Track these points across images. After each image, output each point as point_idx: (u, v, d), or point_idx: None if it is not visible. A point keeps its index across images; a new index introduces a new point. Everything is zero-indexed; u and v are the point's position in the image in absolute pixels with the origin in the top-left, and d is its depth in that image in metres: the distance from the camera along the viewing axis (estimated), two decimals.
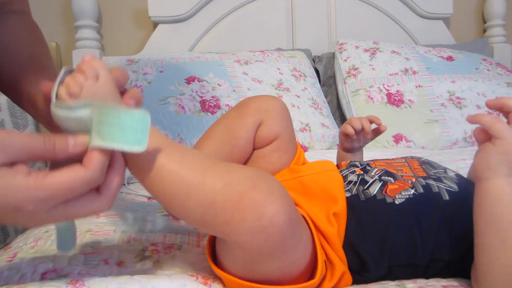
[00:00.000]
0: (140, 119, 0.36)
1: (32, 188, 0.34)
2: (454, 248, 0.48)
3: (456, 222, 0.49)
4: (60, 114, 0.38)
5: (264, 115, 0.58)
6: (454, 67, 1.55)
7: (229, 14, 1.72)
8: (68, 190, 0.35)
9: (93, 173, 0.36)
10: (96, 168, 0.36)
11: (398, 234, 0.49)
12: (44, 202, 0.34)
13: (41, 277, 0.48)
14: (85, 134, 0.37)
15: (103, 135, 0.36)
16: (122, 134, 0.36)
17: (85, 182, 0.35)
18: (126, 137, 0.36)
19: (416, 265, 0.49)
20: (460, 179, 0.54)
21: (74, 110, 0.37)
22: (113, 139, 0.36)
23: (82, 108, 0.37)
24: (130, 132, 0.36)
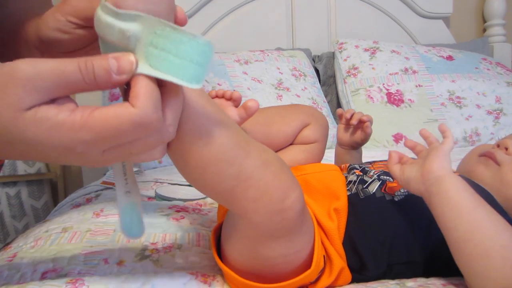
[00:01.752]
0: (205, 49, 0.29)
1: (77, 128, 0.29)
2: None
3: None
4: (102, 19, 0.30)
5: (313, 120, 0.64)
6: (454, 67, 1.55)
7: (229, 13, 1.72)
8: (116, 132, 0.29)
9: (143, 112, 0.28)
10: (146, 107, 0.28)
11: (398, 231, 0.49)
12: (92, 143, 0.29)
13: (41, 276, 0.48)
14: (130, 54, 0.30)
15: (154, 62, 0.29)
16: (180, 65, 0.29)
17: (134, 123, 0.28)
18: (184, 69, 0.29)
19: (416, 262, 0.49)
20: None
21: (121, 18, 0.29)
22: (167, 69, 0.29)
23: (130, 20, 0.29)
24: (190, 63, 0.29)
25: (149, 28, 0.29)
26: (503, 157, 0.55)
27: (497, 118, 1.43)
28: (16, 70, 0.28)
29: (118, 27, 0.29)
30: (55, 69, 0.28)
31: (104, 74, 0.29)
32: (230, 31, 1.72)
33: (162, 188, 0.82)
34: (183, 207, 0.71)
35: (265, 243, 0.41)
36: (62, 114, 0.29)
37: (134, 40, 0.29)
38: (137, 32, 0.29)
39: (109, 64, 0.29)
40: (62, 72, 0.28)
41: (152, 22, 0.29)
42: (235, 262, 0.44)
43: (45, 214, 1.54)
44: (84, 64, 0.29)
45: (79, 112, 0.29)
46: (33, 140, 0.29)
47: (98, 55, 0.29)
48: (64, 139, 0.29)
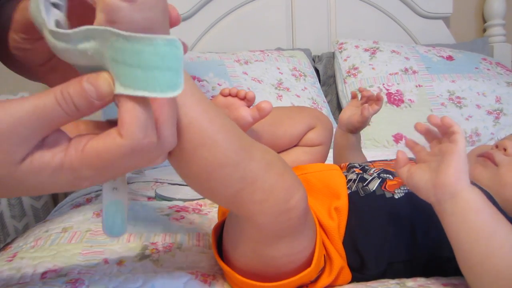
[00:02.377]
0: (168, 50, 0.26)
1: (76, 167, 0.28)
2: None
3: None
4: (57, 46, 0.27)
5: (319, 123, 0.65)
6: (454, 67, 1.55)
7: (229, 13, 1.72)
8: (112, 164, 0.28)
9: (131, 142, 0.26)
10: (134, 135, 0.26)
11: (398, 229, 0.49)
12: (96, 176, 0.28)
13: (41, 276, 0.48)
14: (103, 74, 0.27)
15: (123, 79, 0.26)
16: (146, 76, 0.25)
17: (126, 154, 0.27)
18: (152, 80, 0.26)
19: (416, 261, 0.49)
20: None
21: (74, 41, 0.26)
22: (135, 85, 0.26)
23: (85, 38, 0.26)
24: (157, 71, 0.26)
25: (105, 41, 0.26)
26: (502, 158, 0.55)
27: (497, 118, 1.43)
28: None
29: (76, 50, 0.27)
30: (33, 111, 0.26)
31: (85, 103, 0.27)
32: (230, 31, 1.72)
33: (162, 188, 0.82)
34: (183, 207, 0.71)
35: (270, 243, 0.41)
36: (57, 157, 0.28)
37: (100, 56, 0.26)
38: (97, 48, 0.26)
39: (86, 91, 0.26)
40: (41, 112, 0.26)
41: (105, 34, 0.25)
42: (237, 261, 0.44)
43: (45, 214, 1.54)
44: (61, 96, 0.26)
45: (73, 150, 0.28)
46: (37, 186, 0.28)
47: (71, 80, 0.27)
48: (68, 179, 0.28)
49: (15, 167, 0.27)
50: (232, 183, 0.37)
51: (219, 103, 0.59)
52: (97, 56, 0.26)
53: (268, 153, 0.41)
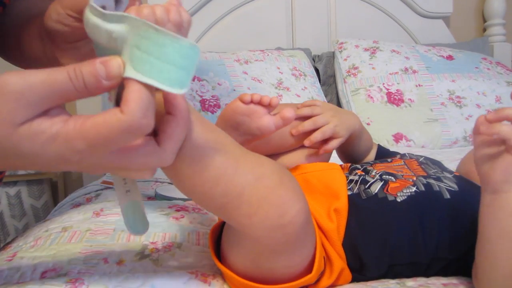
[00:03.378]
0: (189, 53, 0.28)
1: (71, 138, 0.28)
2: (455, 246, 0.48)
3: (457, 221, 0.49)
4: (90, 20, 0.30)
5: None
6: (454, 66, 1.55)
7: (228, 13, 1.72)
8: (107, 139, 0.28)
9: (130, 118, 0.28)
10: (134, 113, 0.28)
11: (400, 232, 0.49)
12: (87, 152, 0.29)
13: (40, 276, 0.48)
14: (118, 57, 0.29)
15: (137, 64, 0.28)
16: (162, 68, 0.28)
17: (123, 130, 0.28)
18: (166, 73, 0.28)
19: (418, 263, 0.49)
20: (458, 179, 0.55)
21: (107, 20, 0.29)
22: (149, 72, 0.28)
23: (117, 22, 0.29)
24: (173, 67, 0.28)
25: (135, 29, 0.28)
26: None
27: None
28: (6, 84, 0.27)
29: (104, 28, 0.29)
30: (46, 80, 0.28)
31: (93, 81, 0.29)
32: (230, 31, 1.72)
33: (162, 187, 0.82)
34: (183, 207, 0.71)
35: (267, 257, 0.41)
36: (55, 126, 0.29)
37: (121, 42, 0.29)
38: (123, 34, 0.29)
39: (97, 70, 0.28)
40: (53, 83, 0.28)
41: (137, 23, 0.28)
42: (236, 266, 0.44)
43: (45, 214, 1.54)
44: (73, 72, 0.28)
45: (72, 122, 0.29)
46: (29, 153, 0.29)
47: (86, 61, 0.29)
48: (59, 150, 0.29)
49: (13, 129, 0.28)
50: (216, 197, 0.37)
51: (239, 111, 0.56)
52: (119, 40, 0.29)
53: (261, 166, 0.39)
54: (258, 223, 0.38)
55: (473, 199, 0.52)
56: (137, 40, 0.28)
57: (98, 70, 0.28)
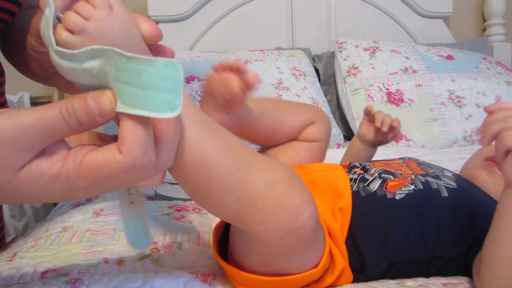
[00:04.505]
0: (168, 73, 0.26)
1: (72, 178, 0.28)
2: (454, 244, 0.48)
3: (456, 219, 0.49)
4: (63, 65, 0.28)
5: (319, 119, 0.63)
6: (454, 66, 1.55)
7: (228, 13, 1.72)
8: (109, 179, 0.28)
9: (131, 159, 0.27)
10: (134, 153, 0.27)
11: (399, 230, 0.49)
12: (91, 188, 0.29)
13: (41, 276, 0.48)
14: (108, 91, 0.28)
15: (123, 97, 0.27)
16: (146, 96, 0.26)
17: (125, 171, 0.28)
18: (151, 100, 0.26)
19: (417, 261, 0.49)
20: (457, 178, 0.55)
21: (80, 60, 0.27)
22: (135, 103, 0.26)
23: (91, 58, 0.27)
24: (157, 92, 0.26)
25: (109, 61, 0.27)
26: None
27: None
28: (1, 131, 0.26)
29: (82, 69, 0.28)
30: (39, 122, 0.27)
31: (87, 118, 0.28)
32: (229, 31, 1.72)
33: (162, 187, 0.82)
34: (183, 207, 0.71)
35: (279, 259, 0.41)
36: (55, 166, 0.28)
37: (103, 75, 0.27)
38: (102, 67, 0.27)
39: (90, 107, 0.27)
40: (46, 123, 0.27)
41: (109, 53, 0.26)
42: (245, 265, 0.44)
43: (45, 214, 1.54)
44: (65, 110, 0.27)
45: (71, 161, 0.28)
46: (32, 194, 0.29)
47: (77, 96, 0.28)
48: (62, 189, 0.29)
49: (13, 174, 0.27)
50: (229, 204, 0.37)
51: (213, 79, 0.55)
52: (101, 75, 0.27)
53: (273, 171, 0.39)
54: (271, 228, 0.38)
55: (471, 198, 0.52)
56: (115, 72, 0.27)
57: (91, 107, 0.27)
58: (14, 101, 1.62)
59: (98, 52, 0.27)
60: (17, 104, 1.63)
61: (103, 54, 0.27)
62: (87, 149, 0.28)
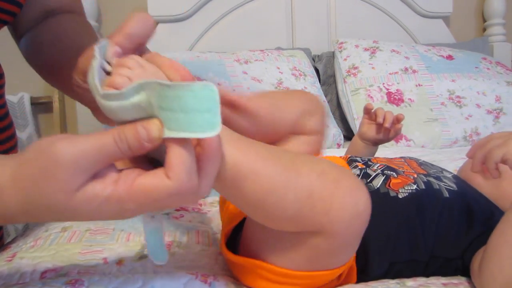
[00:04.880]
0: (205, 94, 0.29)
1: (123, 201, 0.30)
2: (453, 245, 0.49)
3: (454, 220, 0.49)
4: (112, 105, 0.31)
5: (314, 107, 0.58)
6: (454, 66, 1.55)
7: (228, 13, 1.72)
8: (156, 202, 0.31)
9: (178, 184, 0.30)
10: (181, 178, 0.30)
11: (401, 229, 0.49)
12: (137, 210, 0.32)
13: (40, 276, 0.48)
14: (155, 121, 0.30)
15: (168, 124, 0.29)
16: (188, 119, 0.29)
17: (172, 194, 0.30)
18: (195, 122, 0.28)
19: (417, 261, 0.49)
20: (457, 179, 0.55)
21: (127, 97, 0.30)
22: (179, 127, 0.29)
23: (136, 93, 0.30)
24: (198, 113, 0.28)
25: (153, 92, 0.29)
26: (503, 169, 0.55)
27: (497, 118, 1.43)
28: (60, 154, 0.29)
29: (130, 105, 0.30)
30: (95, 147, 0.30)
31: (137, 144, 0.30)
32: (229, 31, 1.72)
33: None
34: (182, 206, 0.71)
35: (335, 253, 0.41)
36: (108, 189, 0.30)
37: (149, 106, 0.30)
38: (147, 99, 0.30)
39: (140, 134, 0.30)
40: (101, 148, 0.30)
41: (152, 85, 0.29)
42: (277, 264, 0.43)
43: None
44: (118, 137, 0.30)
45: (122, 184, 0.30)
46: (85, 214, 0.31)
47: (127, 124, 0.31)
48: (113, 210, 0.31)
49: (71, 195, 0.30)
50: (288, 204, 0.37)
51: None
52: (148, 107, 0.30)
53: (318, 164, 0.40)
54: (336, 217, 0.37)
55: (470, 200, 0.52)
56: (159, 101, 0.29)
57: (141, 134, 0.30)
58: (14, 101, 1.62)
59: (143, 85, 0.30)
60: (17, 104, 1.63)
61: (147, 87, 0.29)
62: (136, 173, 0.31)
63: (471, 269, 0.46)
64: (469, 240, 0.48)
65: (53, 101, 1.67)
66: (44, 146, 0.29)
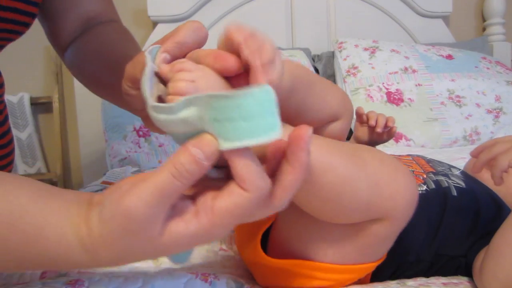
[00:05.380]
0: (263, 96, 0.27)
1: (209, 230, 0.30)
2: (457, 243, 0.49)
3: (460, 219, 0.49)
4: (160, 118, 0.30)
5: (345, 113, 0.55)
6: (454, 66, 1.55)
7: (228, 13, 1.72)
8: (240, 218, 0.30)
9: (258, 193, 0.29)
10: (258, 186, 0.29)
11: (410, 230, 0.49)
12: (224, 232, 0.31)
13: (40, 276, 0.48)
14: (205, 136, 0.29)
15: (226, 135, 0.28)
16: (249, 126, 0.27)
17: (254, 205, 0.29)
18: (256, 127, 0.27)
19: (422, 261, 0.49)
20: (465, 176, 0.55)
21: (176, 111, 0.29)
22: (240, 136, 0.27)
23: (185, 107, 0.29)
24: (259, 119, 0.27)
25: (205, 105, 0.28)
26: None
27: (496, 117, 1.44)
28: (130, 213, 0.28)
29: (178, 120, 0.29)
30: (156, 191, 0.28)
31: (196, 168, 0.28)
32: None
33: None
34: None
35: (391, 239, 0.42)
36: (191, 225, 0.30)
37: (199, 121, 0.29)
38: (197, 115, 0.29)
39: (195, 156, 0.28)
40: (163, 190, 0.29)
41: (205, 99, 0.28)
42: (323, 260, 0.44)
43: None
44: (174, 169, 0.28)
45: (204, 216, 0.30)
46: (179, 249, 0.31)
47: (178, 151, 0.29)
48: (203, 240, 0.31)
49: (158, 240, 0.30)
50: (361, 192, 0.37)
51: None
52: (197, 121, 0.29)
53: (376, 152, 0.41)
54: (401, 201, 0.38)
55: (477, 198, 0.52)
56: (214, 114, 0.28)
57: (196, 155, 0.28)
58: (14, 101, 1.62)
59: (193, 101, 0.28)
60: (17, 105, 1.63)
61: (197, 101, 0.28)
62: (210, 197, 0.30)
63: (473, 268, 0.46)
64: (473, 239, 0.48)
65: (53, 101, 1.67)
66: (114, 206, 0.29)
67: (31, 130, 1.66)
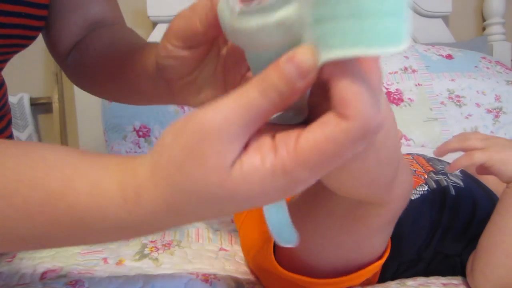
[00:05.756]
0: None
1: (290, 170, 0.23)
2: (453, 242, 0.49)
3: (458, 217, 0.50)
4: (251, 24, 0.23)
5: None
6: (454, 65, 1.55)
7: None
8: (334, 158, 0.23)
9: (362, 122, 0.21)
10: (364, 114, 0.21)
11: (411, 230, 0.49)
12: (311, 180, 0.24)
13: (40, 277, 0.48)
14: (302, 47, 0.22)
15: (330, 40, 0.21)
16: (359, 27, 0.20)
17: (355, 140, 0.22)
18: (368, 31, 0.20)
19: (421, 260, 0.49)
20: (464, 175, 0.55)
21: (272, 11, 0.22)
22: (346, 41, 0.20)
23: (285, 5, 0.22)
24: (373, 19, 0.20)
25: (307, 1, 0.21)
26: None
27: (496, 117, 1.44)
28: (203, 126, 0.23)
29: (273, 22, 0.23)
30: (241, 106, 0.23)
31: (287, 87, 0.23)
32: None
33: None
34: None
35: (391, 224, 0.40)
36: (268, 159, 0.24)
37: (298, 25, 0.22)
38: (298, 13, 0.22)
39: (286, 71, 0.22)
40: (248, 105, 0.23)
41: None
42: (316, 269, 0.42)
43: None
44: (263, 85, 0.23)
45: (283, 149, 0.23)
46: (244, 200, 0.25)
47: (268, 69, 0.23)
48: (279, 186, 0.24)
49: (226, 174, 0.24)
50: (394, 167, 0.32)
51: None
52: (295, 25, 0.22)
53: None
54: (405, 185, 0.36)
55: (475, 197, 0.52)
56: (316, 11, 0.21)
57: (287, 71, 0.22)
58: (14, 102, 1.62)
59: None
60: (17, 105, 1.63)
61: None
62: (296, 132, 0.24)
63: (466, 269, 0.46)
64: (467, 239, 0.48)
65: (53, 101, 1.67)
66: (181, 125, 0.24)
67: (31, 130, 1.66)
